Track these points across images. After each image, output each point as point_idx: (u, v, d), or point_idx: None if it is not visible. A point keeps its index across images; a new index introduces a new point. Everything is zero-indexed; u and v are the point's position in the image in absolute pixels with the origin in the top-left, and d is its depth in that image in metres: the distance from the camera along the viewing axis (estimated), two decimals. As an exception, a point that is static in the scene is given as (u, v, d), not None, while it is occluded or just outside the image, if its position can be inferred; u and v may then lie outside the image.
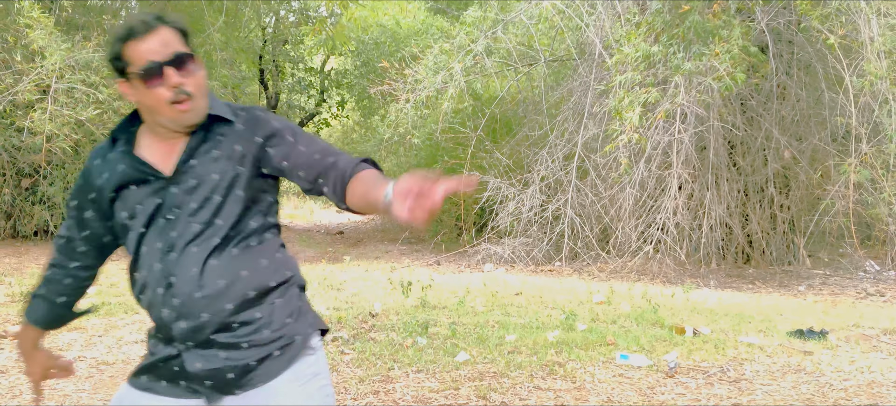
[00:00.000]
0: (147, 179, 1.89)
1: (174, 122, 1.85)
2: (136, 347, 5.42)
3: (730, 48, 8.39)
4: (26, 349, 2.13)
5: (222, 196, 1.87)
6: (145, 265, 1.89)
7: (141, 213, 1.89)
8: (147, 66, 1.78)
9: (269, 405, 1.87)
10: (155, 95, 1.80)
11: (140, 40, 1.78)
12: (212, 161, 1.88)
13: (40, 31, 10.61)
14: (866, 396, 4.56)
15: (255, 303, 1.88)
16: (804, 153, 11.87)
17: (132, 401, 1.93)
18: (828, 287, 10.49)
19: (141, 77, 1.79)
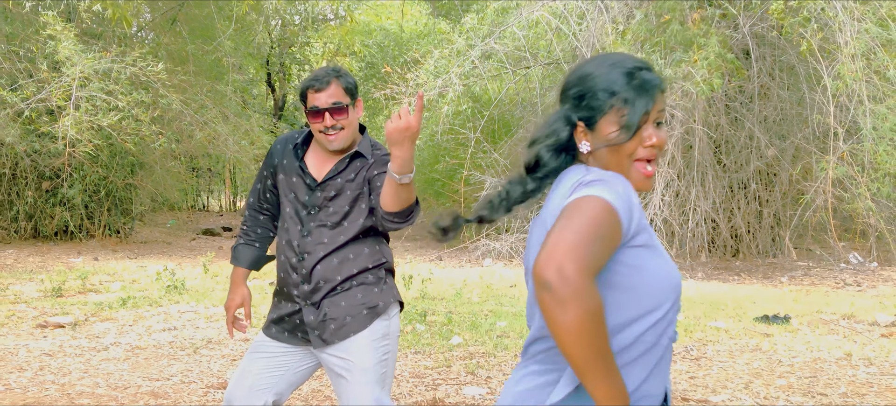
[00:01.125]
0: (304, 179, 2.71)
1: (324, 144, 2.67)
2: (164, 335, 6.07)
3: (707, 55, 8.98)
4: (236, 282, 2.91)
5: (350, 206, 2.67)
6: (287, 237, 2.70)
7: (294, 200, 2.70)
8: (311, 109, 2.64)
9: (347, 354, 2.62)
10: (314, 127, 2.67)
11: (315, 91, 2.65)
12: (348, 181, 2.68)
13: (64, 42, 11.24)
14: (809, 371, 5.18)
15: (355, 278, 2.67)
16: (787, 151, 12.46)
17: (265, 346, 2.72)
18: (809, 277, 11.08)
19: (308, 114, 2.66)
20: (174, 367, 5.05)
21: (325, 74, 2.67)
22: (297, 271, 2.66)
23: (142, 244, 15.47)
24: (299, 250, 2.66)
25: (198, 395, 4.46)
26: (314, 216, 2.67)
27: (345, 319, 2.63)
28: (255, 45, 20.34)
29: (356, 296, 2.66)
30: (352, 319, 2.63)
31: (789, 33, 10.48)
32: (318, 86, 2.64)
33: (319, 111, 2.62)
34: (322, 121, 2.63)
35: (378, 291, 2.70)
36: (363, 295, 2.66)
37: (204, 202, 28.69)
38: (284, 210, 2.74)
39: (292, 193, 2.71)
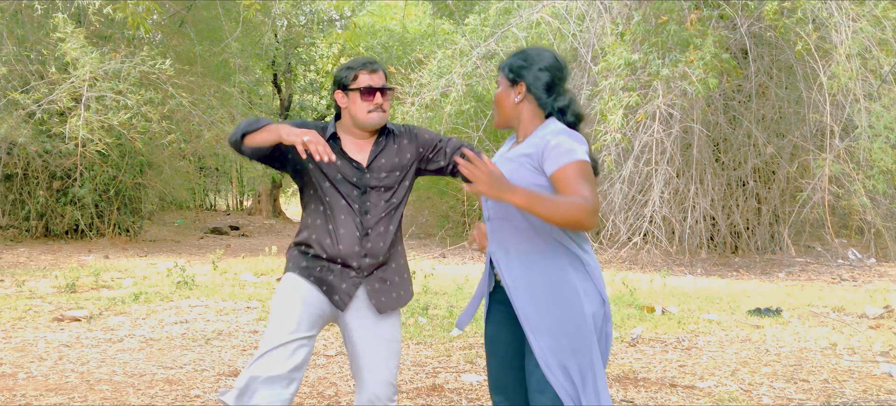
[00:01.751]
0: (351, 164, 2.87)
1: (368, 122, 2.85)
2: (176, 327, 6.31)
3: (703, 55, 9.20)
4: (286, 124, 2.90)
5: (397, 184, 2.92)
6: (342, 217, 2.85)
7: (342, 181, 2.85)
8: (365, 88, 2.84)
9: (387, 326, 2.89)
10: (362, 105, 2.85)
11: (369, 72, 2.86)
12: (393, 160, 2.92)
13: (73, 43, 11.50)
14: (794, 359, 5.40)
15: (391, 249, 2.92)
16: (784, 149, 12.66)
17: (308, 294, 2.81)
18: (806, 273, 11.28)
19: (360, 93, 2.84)
20: (187, 357, 5.28)
21: (376, 61, 2.92)
22: (361, 246, 2.83)
23: (151, 242, 15.75)
24: (363, 227, 2.84)
25: (210, 382, 4.70)
26: (367, 196, 2.86)
27: (395, 293, 2.91)
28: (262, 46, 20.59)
29: (401, 272, 2.95)
30: (397, 295, 2.92)
31: (785, 33, 10.67)
32: (373, 68, 2.87)
33: (372, 90, 2.83)
34: (373, 99, 2.83)
35: (405, 266, 3.01)
36: (402, 271, 2.96)
37: (211, 201, 28.98)
38: (323, 194, 2.86)
39: (339, 175, 2.85)
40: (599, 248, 12.24)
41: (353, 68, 2.86)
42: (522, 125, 2.51)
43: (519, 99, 2.49)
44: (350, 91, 2.87)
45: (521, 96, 2.48)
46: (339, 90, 2.91)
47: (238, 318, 6.73)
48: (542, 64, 2.48)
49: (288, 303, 2.79)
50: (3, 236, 14.21)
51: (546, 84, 2.47)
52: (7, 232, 14.47)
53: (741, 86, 12.11)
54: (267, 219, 25.24)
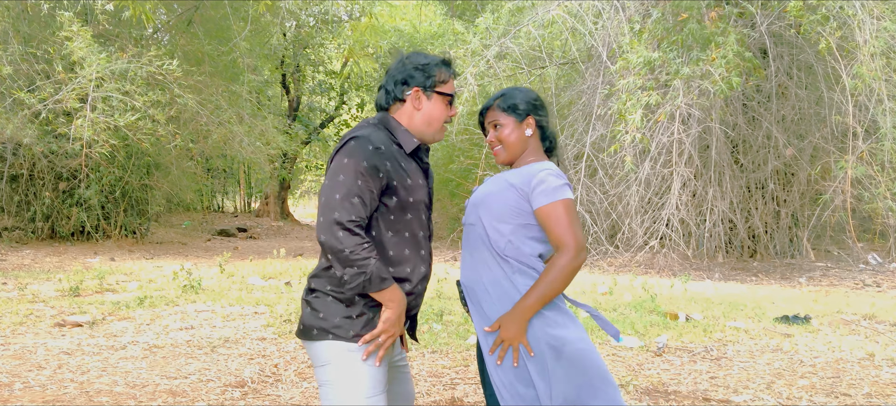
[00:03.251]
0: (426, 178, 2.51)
1: (437, 135, 2.50)
2: (182, 334, 6.07)
3: (725, 54, 8.91)
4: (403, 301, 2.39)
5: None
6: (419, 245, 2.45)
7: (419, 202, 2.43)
8: (454, 94, 2.50)
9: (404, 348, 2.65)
10: (442, 114, 2.47)
11: (453, 78, 2.51)
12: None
13: (80, 42, 11.28)
14: (831, 371, 5.11)
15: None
16: (804, 151, 12.35)
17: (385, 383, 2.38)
18: (827, 278, 10.97)
19: (442, 97, 2.46)
20: (192, 366, 5.04)
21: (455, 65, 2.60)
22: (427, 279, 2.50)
23: (157, 245, 15.54)
24: (426, 255, 2.48)
25: (216, 393, 4.45)
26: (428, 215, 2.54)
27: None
28: (271, 46, 20.37)
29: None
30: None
31: (807, 32, 10.38)
32: (455, 74, 2.53)
33: (453, 100, 2.50)
34: (451, 110, 2.50)
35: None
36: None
37: (219, 203, 28.80)
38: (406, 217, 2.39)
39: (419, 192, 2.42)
40: (615, 251, 11.96)
41: (437, 65, 2.44)
42: (523, 158, 2.66)
43: (530, 132, 2.63)
44: (434, 93, 2.44)
45: (533, 130, 2.64)
46: (418, 88, 2.42)
47: (245, 324, 6.48)
48: (540, 101, 2.68)
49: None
50: (9, 238, 14.02)
51: (546, 116, 2.69)
52: (13, 233, 14.28)
53: (760, 86, 11.82)
54: (275, 221, 25.02)
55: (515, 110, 2.61)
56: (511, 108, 2.62)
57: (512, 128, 2.61)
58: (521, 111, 2.61)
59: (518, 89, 2.68)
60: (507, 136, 2.61)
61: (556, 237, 2.42)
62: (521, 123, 2.61)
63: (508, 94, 2.65)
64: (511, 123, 2.61)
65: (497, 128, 2.62)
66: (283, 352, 5.48)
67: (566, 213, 2.43)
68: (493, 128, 2.63)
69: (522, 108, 2.61)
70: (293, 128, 23.23)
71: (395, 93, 2.44)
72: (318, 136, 26.84)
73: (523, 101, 2.63)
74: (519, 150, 2.63)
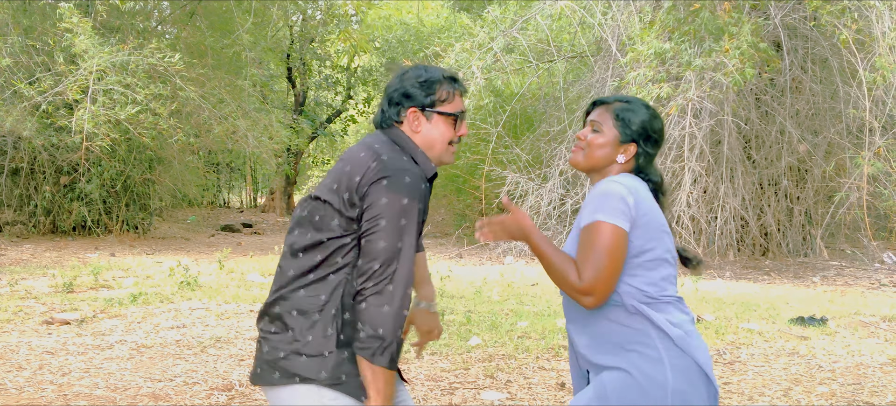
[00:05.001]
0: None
1: (443, 158, 2.18)
2: (172, 332, 5.85)
3: (739, 44, 8.63)
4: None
5: None
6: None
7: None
8: (458, 113, 2.15)
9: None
10: (449, 134, 2.15)
11: (461, 94, 2.17)
12: None
13: (81, 35, 11.08)
14: (852, 377, 4.84)
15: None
16: (819, 146, 12.04)
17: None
18: (842, 277, 10.68)
19: (455, 118, 2.15)
20: (179, 367, 4.81)
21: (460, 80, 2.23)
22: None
23: (160, 240, 15.35)
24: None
25: (201, 397, 4.22)
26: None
27: None
28: (276, 39, 20.17)
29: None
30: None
31: (824, 25, 10.09)
32: (463, 88, 2.19)
33: (458, 120, 2.17)
34: (459, 129, 2.18)
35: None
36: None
37: (225, 198, 28.64)
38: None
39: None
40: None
41: (438, 82, 2.14)
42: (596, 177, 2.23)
43: (623, 161, 2.17)
44: (435, 113, 2.13)
45: (626, 159, 2.17)
46: (415, 108, 2.13)
47: (239, 323, 6.25)
48: (659, 134, 2.21)
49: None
50: (10, 233, 13.85)
51: (650, 155, 2.20)
52: (14, 228, 14.11)
53: (774, 80, 11.52)
54: (281, 216, 24.84)
55: (625, 127, 2.17)
56: (623, 122, 2.17)
57: (609, 143, 2.17)
58: (630, 133, 2.16)
59: (646, 106, 2.22)
60: (599, 145, 2.18)
61: (579, 260, 2.01)
62: (620, 145, 2.17)
63: (630, 107, 2.19)
64: (611, 138, 2.17)
65: (595, 129, 2.19)
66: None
67: (596, 239, 1.99)
68: (592, 127, 2.20)
69: (633, 130, 2.16)
70: (299, 123, 23.02)
71: (390, 114, 2.13)
72: (324, 130, 26.63)
73: (640, 124, 2.17)
74: (599, 166, 2.20)
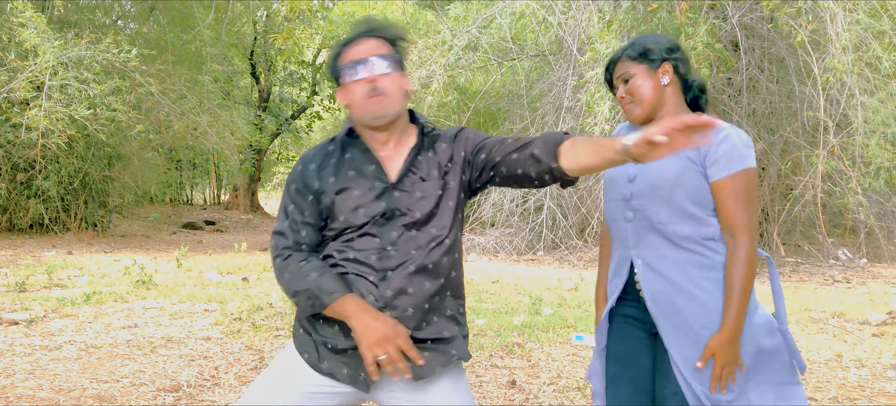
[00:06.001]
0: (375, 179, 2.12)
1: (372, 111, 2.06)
2: (123, 332, 5.77)
3: (695, 45, 8.73)
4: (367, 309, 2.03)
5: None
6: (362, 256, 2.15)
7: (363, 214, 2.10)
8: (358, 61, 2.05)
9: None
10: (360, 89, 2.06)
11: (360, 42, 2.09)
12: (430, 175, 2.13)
13: (33, 29, 10.88)
14: (797, 372, 4.93)
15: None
16: (775, 145, 12.24)
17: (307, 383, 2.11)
18: (797, 274, 10.86)
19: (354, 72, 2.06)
20: (127, 368, 4.75)
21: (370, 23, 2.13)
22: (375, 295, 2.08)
23: (120, 238, 15.14)
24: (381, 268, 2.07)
25: (147, 398, 4.17)
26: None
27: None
28: (239, 35, 19.99)
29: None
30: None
31: (781, 25, 10.24)
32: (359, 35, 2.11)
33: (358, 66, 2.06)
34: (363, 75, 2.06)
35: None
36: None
37: (188, 195, 28.34)
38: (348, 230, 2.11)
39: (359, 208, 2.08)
40: (585, 246, 11.78)
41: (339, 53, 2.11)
42: (666, 114, 2.27)
43: (667, 80, 2.26)
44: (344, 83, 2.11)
45: (669, 77, 2.26)
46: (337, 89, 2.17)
47: (192, 323, 6.19)
48: (676, 45, 2.31)
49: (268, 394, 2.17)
50: (-36, 231, 13.58)
51: (685, 61, 2.31)
52: (-32, 226, 13.84)
53: (731, 79, 11.68)
54: (244, 214, 24.64)
55: (647, 57, 2.25)
56: (642, 56, 2.25)
57: (645, 77, 2.25)
58: (654, 57, 2.24)
59: (649, 35, 2.32)
60: (639, 86, 2.25)
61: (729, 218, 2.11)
62: (655, 71, 2.25)
63: (637, 42, 2.29)
64: (643, 72, 2.25)
65: (627, 81, 2.27)
66: (226, 353, 5.20)
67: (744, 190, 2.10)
68: (623, 82, 2.28)
69: (656, 54, 2.24)
70: (263, 119, 22.84)
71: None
72: (288, 127, 26.46)
73: (656, 44, 2.26)
74: (656, 103, 2.25)
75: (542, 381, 4.71)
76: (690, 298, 2.15)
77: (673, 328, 2.17)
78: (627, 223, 2.28)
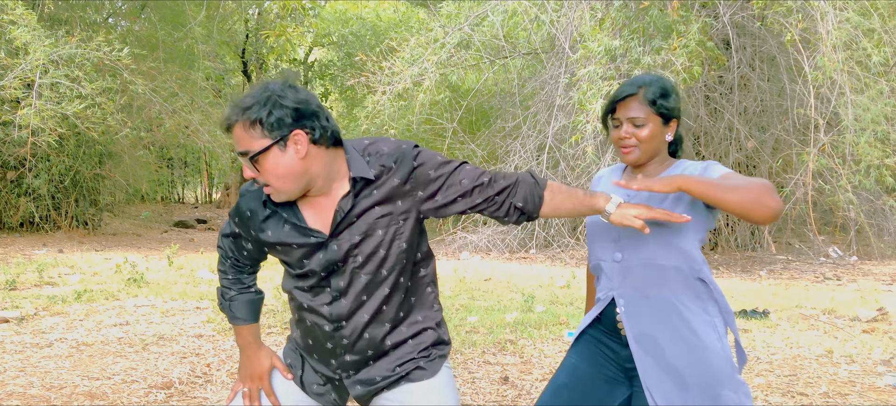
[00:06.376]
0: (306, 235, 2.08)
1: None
2: (115, 330, 5.75)
3: (687, 43, 8.75)
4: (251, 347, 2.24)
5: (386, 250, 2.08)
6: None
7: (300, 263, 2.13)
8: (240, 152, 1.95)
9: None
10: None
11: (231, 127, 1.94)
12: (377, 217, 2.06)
13: (24, 27, 10.82)
14: (788, 368, 4.95)
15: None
16: (766, 143, 12.29)
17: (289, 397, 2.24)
18: (788, 271, 10.90)
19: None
20: (118, 366, 4.73)
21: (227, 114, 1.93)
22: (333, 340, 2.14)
23: (111, 236, 15.08)
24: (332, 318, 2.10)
25: (138, 395, 4.16)
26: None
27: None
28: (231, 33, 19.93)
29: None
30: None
31: (771, 24, 10.28)
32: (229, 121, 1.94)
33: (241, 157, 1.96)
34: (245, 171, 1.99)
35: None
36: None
37: (179, 194, 28.25)
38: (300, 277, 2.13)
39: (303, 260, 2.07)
40: (575, 244, 11.80)
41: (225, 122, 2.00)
42: (656, 162, 2.26)
43: (670, 139, 2.25)
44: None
45: (672, 136, 2.26)
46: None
47: (184, 320, 6.17)
48: (680, 98, 2.29)
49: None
50: (-46, 229, 13.50)
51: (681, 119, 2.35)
52: (-42, 224, 13.76)
53: (723, 77, 11.72)
54: (236, 212, 24.56)
55: (664, 111, 2.17)
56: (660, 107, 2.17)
57: (657, 128, 2.18)
58: (668, 114, 2.19)
59: (665, 80, 2.22)
60: (649, 138, 2.17)
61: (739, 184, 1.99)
62: (665, 126, 2.20)
63: (658, 85, 2.18)
64: (657, 123, 2.18)
65: (638, 126, 2.17)
66: (218, 350, 5.19)
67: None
68: (632, 125, 2.17)
69: (671, 110, 2.18)
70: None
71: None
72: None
73: (674, 101, 2.19)
74: (655, 154, 2.23)
75: (534, 377, 4.72)
76: (676, 340, 2.12)
77: (655, 368, 2.14)
78: (615, 264, 2.25)
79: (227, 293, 2.24)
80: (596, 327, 2.34)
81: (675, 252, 2.13)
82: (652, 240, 2.15)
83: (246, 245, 2.18)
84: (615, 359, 2.27)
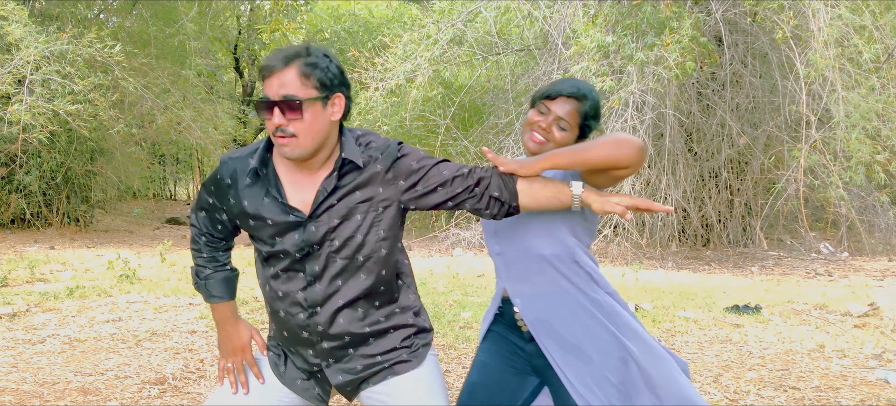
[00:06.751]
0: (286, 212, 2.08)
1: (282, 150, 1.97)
2: (108, 326, 5.74)
3: (680, 39, 8.77)
4: (230, 322, 2.29)
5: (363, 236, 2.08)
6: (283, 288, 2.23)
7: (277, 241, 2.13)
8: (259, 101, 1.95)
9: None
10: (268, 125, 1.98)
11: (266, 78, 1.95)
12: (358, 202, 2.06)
13: (15, 23, 10.77)
14: (780, 363, 4.98)
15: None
16: (758, 139, 12.32)
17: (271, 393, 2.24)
18: (780, 267, 10.95)
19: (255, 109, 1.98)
20: (111, 361, 4.72)
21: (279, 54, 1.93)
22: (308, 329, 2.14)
23: (103, 233, 15.04)
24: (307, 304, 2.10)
25: (132, 391, 4.15)
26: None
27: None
28: (223, 29, 19.86)
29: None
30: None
31: (763, 20, 10.31)
32: (269, 69, 1.93)
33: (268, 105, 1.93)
34: (271, 117, 1.93)
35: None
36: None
37: (171, 190, 28.16)
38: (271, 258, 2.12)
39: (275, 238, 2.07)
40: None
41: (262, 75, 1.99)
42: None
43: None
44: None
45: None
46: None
47: (177, 316, 6.16)
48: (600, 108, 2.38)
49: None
50: (-56, 226, 13.43)
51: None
52: (-52, 221, 13.69)
53: (715, 74, 11.75)
54: (229, 209, 24.51)
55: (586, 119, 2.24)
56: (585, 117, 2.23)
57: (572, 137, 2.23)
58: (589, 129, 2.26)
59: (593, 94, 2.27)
60: (565, 140, 2.21)
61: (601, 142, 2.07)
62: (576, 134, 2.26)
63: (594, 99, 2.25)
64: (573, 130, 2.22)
65: (562, 128, 2.21)
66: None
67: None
68: (555, 121, 2.20)
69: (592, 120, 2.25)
70: (247, 113, 22.74)
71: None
72: (272, 122, 26.29)
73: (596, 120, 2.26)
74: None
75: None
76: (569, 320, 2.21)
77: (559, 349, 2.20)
78: (498, 257, 2.33)
79: (201, 272, 2.26)
80: (499, 323, 2.42)
81: (549, 240, 2.20)
82: (526, 230, 2.23)
83: (220, 216, 2.18)
84: (521, 353, 2.35)
